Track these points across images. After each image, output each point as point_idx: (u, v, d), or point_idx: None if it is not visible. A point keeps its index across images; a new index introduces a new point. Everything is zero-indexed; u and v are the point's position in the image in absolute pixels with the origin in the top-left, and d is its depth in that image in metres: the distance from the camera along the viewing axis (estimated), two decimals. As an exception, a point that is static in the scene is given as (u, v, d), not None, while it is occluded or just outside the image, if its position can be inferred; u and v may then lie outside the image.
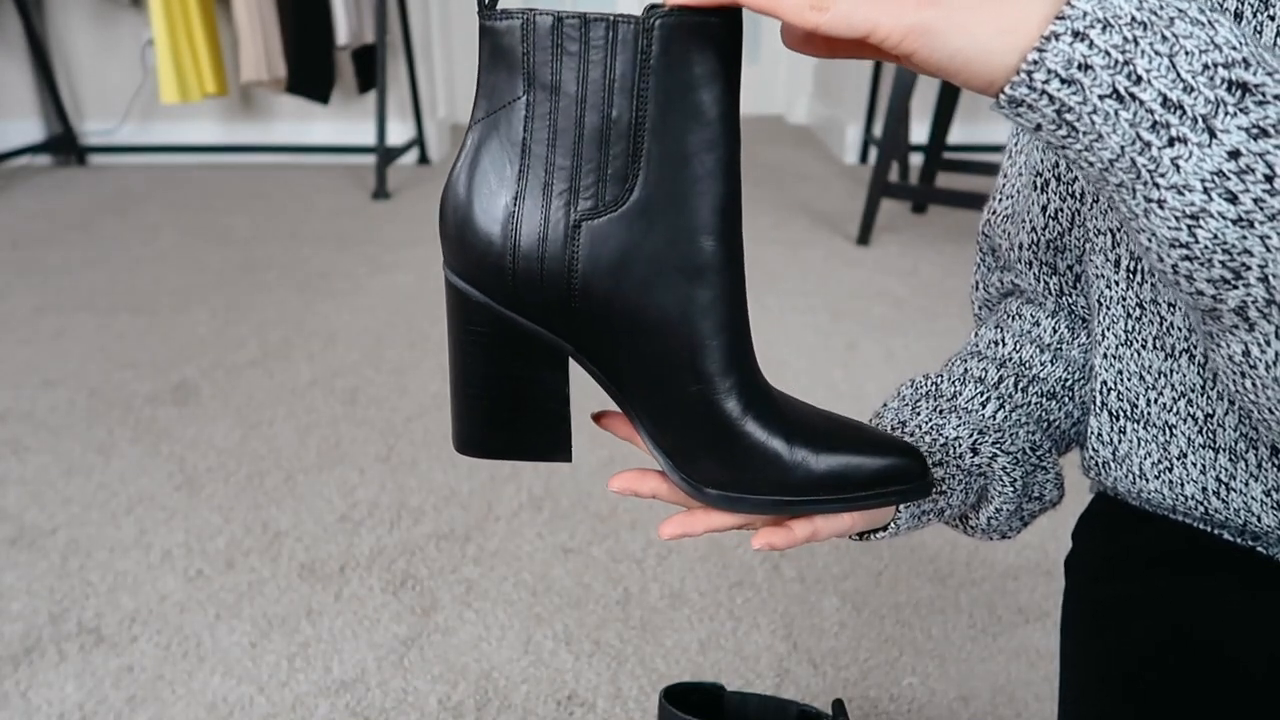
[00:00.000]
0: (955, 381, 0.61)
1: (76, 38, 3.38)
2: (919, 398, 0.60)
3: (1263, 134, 0.35)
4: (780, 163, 3.48)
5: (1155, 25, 0.35)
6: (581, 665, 1.03)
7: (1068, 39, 0.36)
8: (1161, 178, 0.36)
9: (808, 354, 1.80)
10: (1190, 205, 0.36)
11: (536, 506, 1.32)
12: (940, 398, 0.60)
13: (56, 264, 2.34)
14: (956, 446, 0.56)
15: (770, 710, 0.75)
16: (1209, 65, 0.35)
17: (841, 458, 0.46)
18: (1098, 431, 0.57)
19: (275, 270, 2.29)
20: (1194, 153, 0.36)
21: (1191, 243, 0.37)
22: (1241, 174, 0.35)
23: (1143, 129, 0.36)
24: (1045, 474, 0.60)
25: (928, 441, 0.56)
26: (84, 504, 1.32)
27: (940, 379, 0.62)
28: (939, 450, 0.56)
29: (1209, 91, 0.35)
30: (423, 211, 2.82)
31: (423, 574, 1.18)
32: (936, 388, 0.61)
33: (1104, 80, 0.36)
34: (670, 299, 0.44)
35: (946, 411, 0.58)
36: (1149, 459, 0.55)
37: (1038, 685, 1.01)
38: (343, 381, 1.69)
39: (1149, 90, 0.36)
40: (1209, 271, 0.37)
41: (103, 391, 1.65)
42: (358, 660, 1.04)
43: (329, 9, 2.94)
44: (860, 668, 1.03)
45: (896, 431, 0.57)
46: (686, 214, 0.44)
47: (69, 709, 0.97)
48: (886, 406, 0.60)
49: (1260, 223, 0.35)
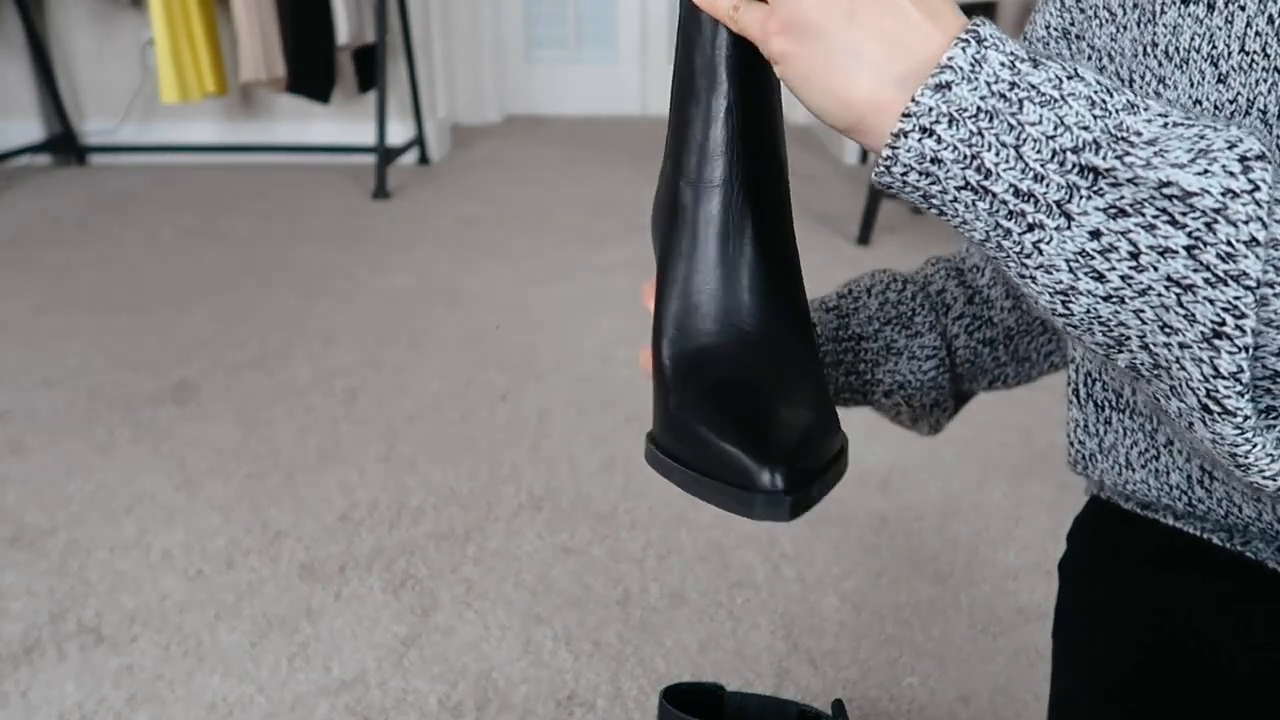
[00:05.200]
0: (918, 301, 0.65)
1: (76, 37, 3.38)
2: (885, 304, 0.64)
3: (1121, 214, 0.35)
4: (780, 163, 3.48)
5: (1001, 114, 0.36)
6: (581, 665, 1.03)
7: (916, 135, 0.36)
8: (1027, 259, 0.37)
9: (808, 354, 1.80)
10: (1059, 283, 0.36)
11: (536, 506, 1.32)
12: (900, 319, 0.64)
13: (56, 264, 2.34)
14: (871, 380, 0.63)
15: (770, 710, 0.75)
16: (1058, 151, 0.35)
17: (709, 433, 0.42)
18: (1083, 423, 0.57)
19: (275, 270, 2.29)
20: (1053, 237, 0.36)
21: (1068, 315, 0.37)
22: (1105, 253, 0.35)
23: (1000, 218, 0.36)
24: (935, 414, 0.65)
25: (856, 350, 0.62)
26: (84, 504, 1.32)
27: (908, 295, 0.65)
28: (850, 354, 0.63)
29: (1059, 178, 0.35)
30: (423, 211, 2.82)
31: (423, 574, 1.18)
32: (898, 306, 0.64)
33: (955, 174, 0.36)
34: None
35: (892, 339, 0.63)
36: (1135, 448, 0.55)
37: (1038, 685, 1.01)
38: (343, 381, 1.69)
39: (1000, 183, 0.36)
40: (1092, 338, 0.38)
41: (103, 391, 1.65)
42: (358, 660, 1.04)
43: (329, 9, 2.94)
44: (860, 668, 1.03)
45: (844, 302, 0.64)
46: None
47: (69, 709, 0.97)
48: (861, 287, 0.65)
49: (1130, 298, 0.35)
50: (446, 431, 1.52)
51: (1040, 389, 1.65)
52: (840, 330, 0.62)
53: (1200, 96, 0.45)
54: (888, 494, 1.35)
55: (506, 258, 2.38)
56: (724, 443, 0.42)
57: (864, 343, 0.63)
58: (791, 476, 0.40)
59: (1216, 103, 0.44)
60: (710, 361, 0.46)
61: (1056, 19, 0.56)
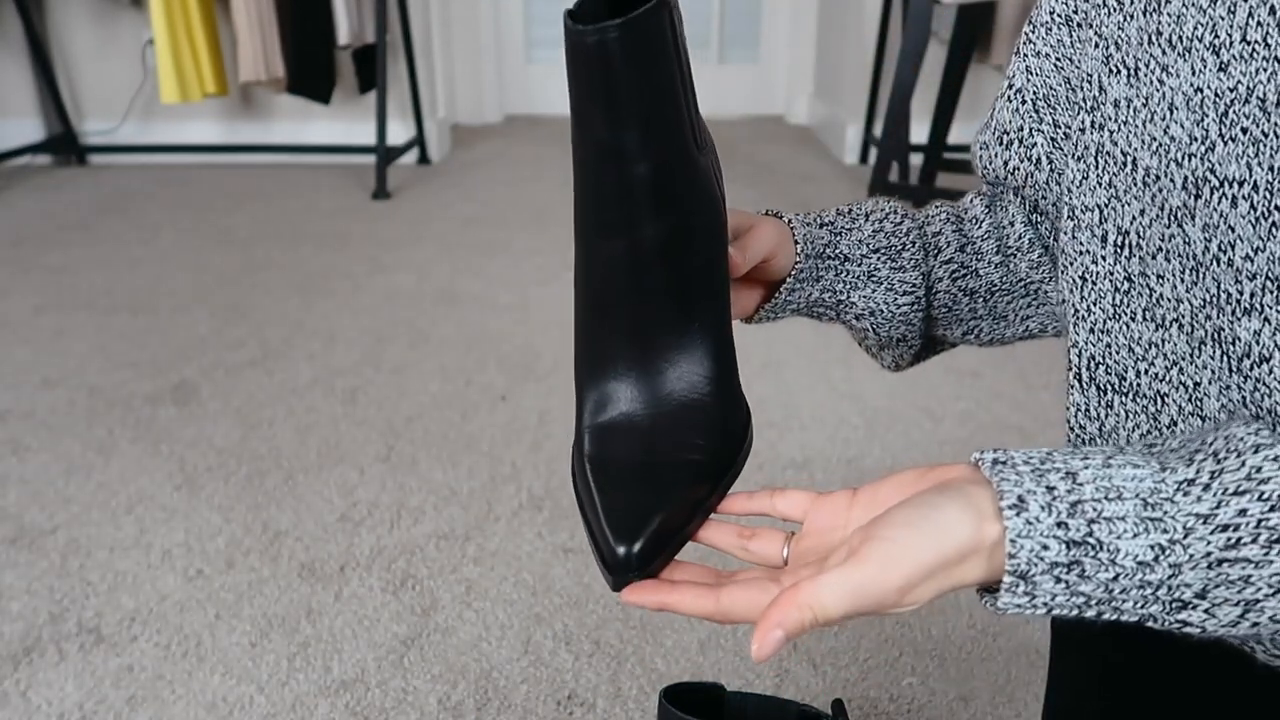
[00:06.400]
0: (911, 238, 0.66)
1: (76, 37, 3.38)
2: (879, 232, 0.65)
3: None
4: (780, 163, 3.48)
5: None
6: (581, 665, 1.03)
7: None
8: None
9: (808, 354, 1.80)
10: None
11: (536, 506, 1.32)
12: (889, 250, 0.65)
13: (56, 264, 2.34)
14: (846, 301, 0.65)
15: (770, 710, 0.75)
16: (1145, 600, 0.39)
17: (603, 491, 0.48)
18: (1084, 408, 0.57)
19: (275, 270, 2.29)
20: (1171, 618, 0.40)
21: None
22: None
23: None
24: (900, 348, 0.67)
25: (837, 269, 0.64)
26: (84, 504, 1.32)
27: (903, 229, 0.66)
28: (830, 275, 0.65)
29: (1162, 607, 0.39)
30: (423, 211, 2.82)
31: (423, 574, 1.18)
32: (890, 237, 0.65)
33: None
34: None
35: (876, 267, 0.65)
36: (1137, 431, 0.55)
37: (1038, 685, 1.01)
38: (343, 381, 1.69)
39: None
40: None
41: (103, 391, 1.65)
42: (357, 660, 1.04)
43: (329, 9, 2.94)
44: (860, 668, 1.03)
45: (840, 220, 0.66)
46: None
47: (69, 708, 0.97)
48: (861, 210, 0.66)
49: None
50: (446, 431, 1.52)
51: (1040, 389, 1.66)
52: (828, 248, 0.64)
53: (1201, 85, 0.45)
54: (888, 494, 1.35)
55: (506, 258, 2.38)
56: (587, 515, 0.48)
57: (848, 264, 0.65)
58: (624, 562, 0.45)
59: (1217, 90, 0.45)
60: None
61: (1061, 5, 0.57)
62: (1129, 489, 0.38)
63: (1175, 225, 0.48)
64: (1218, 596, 0.37)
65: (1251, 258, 0.45)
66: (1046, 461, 0.39)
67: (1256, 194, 0.44)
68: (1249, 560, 0.36)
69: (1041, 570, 0.37)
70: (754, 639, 0.38)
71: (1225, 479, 0.37)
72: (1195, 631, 0.38)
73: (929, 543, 0.38)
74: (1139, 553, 0.37)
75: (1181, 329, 0.52)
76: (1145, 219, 0.50)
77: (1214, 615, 0.37)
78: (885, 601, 0.38)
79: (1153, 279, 0.52)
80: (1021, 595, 0.38)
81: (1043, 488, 0.38)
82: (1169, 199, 0.47)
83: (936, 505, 0.39)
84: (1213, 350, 0.49)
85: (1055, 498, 0.38)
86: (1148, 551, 0.37)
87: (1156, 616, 0.38)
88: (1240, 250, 0.45)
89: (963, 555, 0.38)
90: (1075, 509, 0.37)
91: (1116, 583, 0.37)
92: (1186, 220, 0.47)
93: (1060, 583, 0.37)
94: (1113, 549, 0.37)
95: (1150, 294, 0.52)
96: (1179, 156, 0.47)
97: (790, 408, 1.59)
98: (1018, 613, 0.38)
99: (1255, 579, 0.36)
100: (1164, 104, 0.47)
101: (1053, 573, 0.37)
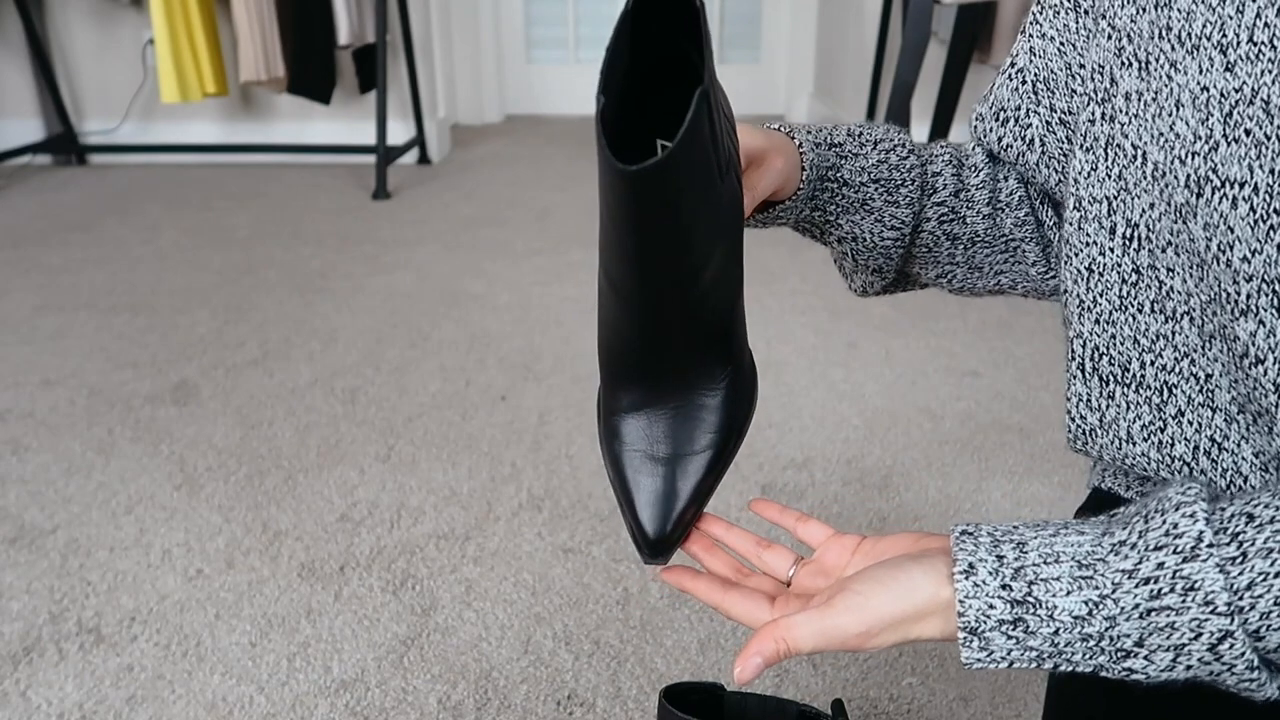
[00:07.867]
0: (913, 175, 0.66)
1: (76, 37, 3.38)
2: (882, 163, 0.65)
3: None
4: (780, 163, 3.48)
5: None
6: (581, 665, 1.03)
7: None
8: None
9: (808, 354, 1.80)
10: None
11: (536, 506, 1.32)
12: (888, 183, 0.65)
13: (56, 264, 2.34)
14: (832, 223, 0.66)
15: (770, 710, 0.75)
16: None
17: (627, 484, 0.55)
18: (1086, 398, 0.58)
19: (275, 270, 2.29)
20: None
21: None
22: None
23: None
24: (872, 277, 0.68)
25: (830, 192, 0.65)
26: (84, 504, 1.32)
27: (906, 165, 0.66)
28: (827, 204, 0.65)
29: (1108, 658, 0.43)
30: (423, 211, 2.82)
31: (422, 574, 1.18)
32: (893, 170, 0.65)
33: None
34: None
35: (870, 197, 0.65)
36: (1138, 421, 0.55)
37: (1038, 685, 1.01)
38: (343, 381, 1.69)
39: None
40: None
41: (103, 391, 1.66)
42: (357, 660, 1.04)
43: (330, 9, 2.94)
44: (860, 668, 1.03)
45: (848, 143, 0.65)
46: None
47: (69, 708, 0.97)
48: (870, 137, 0.66)
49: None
50: (446, 431, 1.52)
51: (1040, 389, 1.66)
52: (831, 170, 0.64)
53: (1208, 84, 0.46)
54: (887, 494, 1.35)
55: (506, 258, 2.38)
56: (623, 504, 0.56)
57: (846, 189, 0.64)
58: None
59: (1223, 90, 0.45)
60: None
61: None
62: (1067, 553, 0.42)
63: (1181, 221, 0.48)
64: (1152, 644, 0.41)
65: (1249, 259, 0.45)
66: (1006, 535, 0.44)
67: (1256, 196, 0.44)
68: (1170, 609, 0.40)
69: (990, 627, 0.42)
70: (737, 663, 0.45)
71: (1149, 537, 0.41)
72: (1141, 679, 0.42)
73: (892, 599, 0.44)
74: (1074, 608, 0.41)
75: (1193, 322, 0.52)
76: (1155, 212, 0.50)
77: (1151, 661, 0.41)
78: (848, 644, 0.44)
79: (1163, 271, 0.52)
80: (978, 650, 0.43)
81: (993, 556, 0.43)
82: (1174, 195, 0.47)
83: (905, 569, 0.45)
84: (1220, 345, 0.49)
85: (1003, 564, 0.43)
86: (1081, 606, 0.41)
87: (1105, 666, 0.42)
88: (1238, 251, 0.45)
89: (920, 613, 0.44)
90: (1018, 574, 0.42)
91: (1059, 636, 0.42)
92: (1190, 218, 0.47)
93: (1010, 638, 0.42)
94: (1050, 605, 0.41)
95: (1160, 286, 0.52)
96: (1183, 154, 0.47)
97: (790, 408, 1.59)
98: (981, 667, 0.43)
99: (1179, 625, 0.40)
100: (1171, 100, 0.47)
101: (1000, 629, 0.42)
